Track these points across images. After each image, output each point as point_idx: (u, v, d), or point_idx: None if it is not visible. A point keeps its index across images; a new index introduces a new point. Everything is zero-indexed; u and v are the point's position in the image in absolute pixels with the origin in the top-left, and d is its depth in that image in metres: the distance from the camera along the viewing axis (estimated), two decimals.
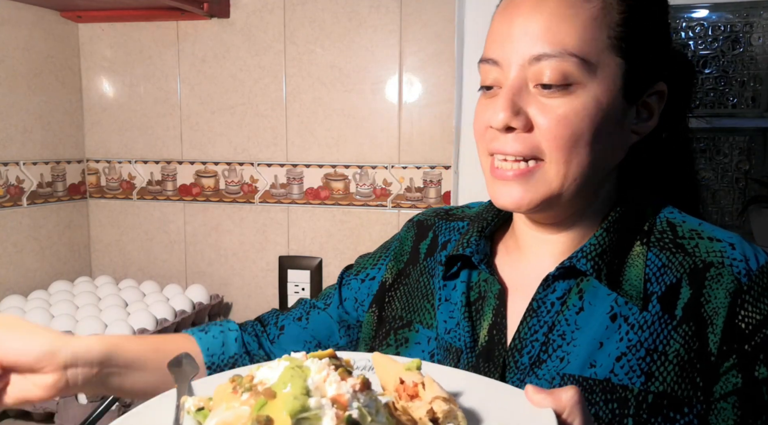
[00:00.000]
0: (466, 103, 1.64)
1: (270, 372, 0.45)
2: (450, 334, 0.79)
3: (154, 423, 0.50)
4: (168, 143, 1.90)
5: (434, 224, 0.90)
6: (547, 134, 0.67)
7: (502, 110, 0.67)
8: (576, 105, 0.66)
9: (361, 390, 0.44)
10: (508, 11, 0.70)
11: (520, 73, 0.68)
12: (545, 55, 0.66)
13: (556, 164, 0.68)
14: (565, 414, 0.51)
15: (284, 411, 0.40)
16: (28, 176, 1.76)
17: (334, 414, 0.41)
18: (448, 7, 1.64)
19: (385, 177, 1.76)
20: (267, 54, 1.79)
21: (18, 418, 1.47)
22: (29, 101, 1.75)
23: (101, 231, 1.99)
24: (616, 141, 0.71)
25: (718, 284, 0.67)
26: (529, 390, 0.53)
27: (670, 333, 0.67)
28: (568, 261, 0.71)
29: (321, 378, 0.44)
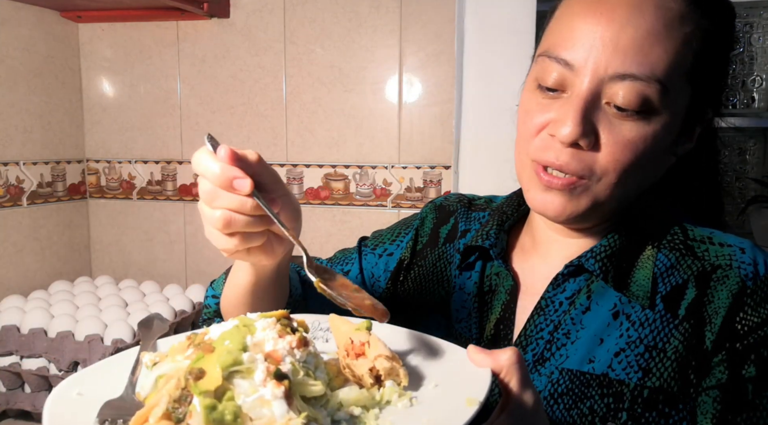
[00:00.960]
0: (466, 103, 1.64)
1: (219, 330, 0.47)
2: (461, 324, 0.80)
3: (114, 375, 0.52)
4: (168, 143, 1.90)
5: (456, 211, 0.89)
6: (609, 157, 0.64)
7: (574, 123, 0.63)
8: (646, 132, 0.64)
9: (297, 347, 0.46)
10: (597, 11, 0.64)
11: (596, 85, 0.63)
12: (631, 76, 0.62)
13: (606, 184, 0.66)
14: (502, 374, 0.51)
15: (217, 364, 0.41)
16: (28, 176, 1.76)
17: (266, 368, 0.42)
18: (448, 7, 1.64)
19: (385, 177, 1.76)
20: (267, 54, 1.79)
21: (18, 418, 1.47)
22: (29, 101, 1.75)
23: (101, 231, 1.99)
24: (660, 165, 0.70)
25: (723, 285, 0.67)
26: (470, 349, 0.53)
27: (671, 331, 0.67)
28: (577, 260, 0.71)
29: (262, 337, 0.46)
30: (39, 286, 1.75)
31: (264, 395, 0.41)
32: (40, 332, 1.43)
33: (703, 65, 0.66)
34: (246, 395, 0.41)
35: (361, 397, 0.49)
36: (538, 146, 0.67)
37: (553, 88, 0.66)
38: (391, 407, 0.49)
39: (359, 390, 0.49)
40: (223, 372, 0.42)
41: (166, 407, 0.41)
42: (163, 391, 0.43)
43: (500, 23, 1.58)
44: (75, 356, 1.38)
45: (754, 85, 1.97)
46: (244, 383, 0.42)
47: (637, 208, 0.74)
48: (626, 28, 0.62)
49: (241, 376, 0.42)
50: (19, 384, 1.46)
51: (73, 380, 0.52)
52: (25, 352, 1.41)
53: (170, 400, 0.42)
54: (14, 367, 1.42)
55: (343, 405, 0.48)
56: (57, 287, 1.70)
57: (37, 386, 1.44)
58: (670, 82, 0.63)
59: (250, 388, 0.42)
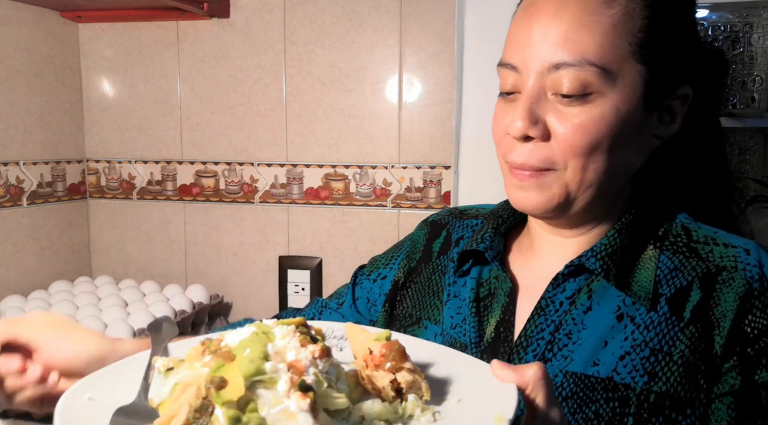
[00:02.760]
0: (466, 103, 1.64)
1: (237, 337, 0.46)
2: (456, 329, 0.79)
3: (125, 380, 0.51)
4: (168, 143, 1.90)
5: (448, 223, 0.90)
6: (563, 143, 0.66)
7: (520, 118, 0.67)
8: (594, 114, 0.65)
9: (320, 357, 0.45)
10: (528, 15, 0.69)
11: (538, 80, 0.67)
12: (564, 64, 0.65)
13: (572, 172, 0.67)
14: (528, 390, 0.51)
15: (239, 373, 0.40)
16: (28, 176, 1.76)
17: (289, 378, 0.41)
18: (448, 7, 1.64)
19: (385, 177, 1.76)
20: (267, 54, 1.79)
21: (18, 418, 1.47)
22: (29, 101, 1.75)
23: (101, 231, 1.99)
24: (635, 147, 0.70)
25: (729, 288, 0.66)
26: (495, 365, 0.53)
27: (677, 334, 0.66)
28: (578, 260, 0.71)
29: (283, 345, 0.44)
30: (39, 286, 1.75)
31: (289, 407, 0.40)
32: None
33: (652, 41, 0.67)
34: (270, 406, 0.40)
35: (384, 411, 0.47)
36: (505, 149, 0.72)
37: (509, 91, 0.71)
38: (414, 422, 0.48)
39: (382, 404, 0.48)
40: (246, 382, 0.40)
41: (186, 417, 0.40)
42: (182, 399, 0.42)
43: (500, 23, 1.58)
44: None
45: (754, 85, 1.97)
46: (268, 393, 0.41)
47: (636, 206, 0.74)
48: (552, 22, 0.66)
49: (263, 386, 0.41)
50: None
51: (83, 384, 0.51)
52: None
53: (191, 410, 0.40)
54: None
55: (366, 419, 0.47)
56: (57, 288, 1.70)
57: None
58: (607, 63, 0.65)
59: (274, 399, 0.41)
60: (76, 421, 0.45)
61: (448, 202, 1.71)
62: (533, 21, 0.67)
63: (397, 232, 1.76)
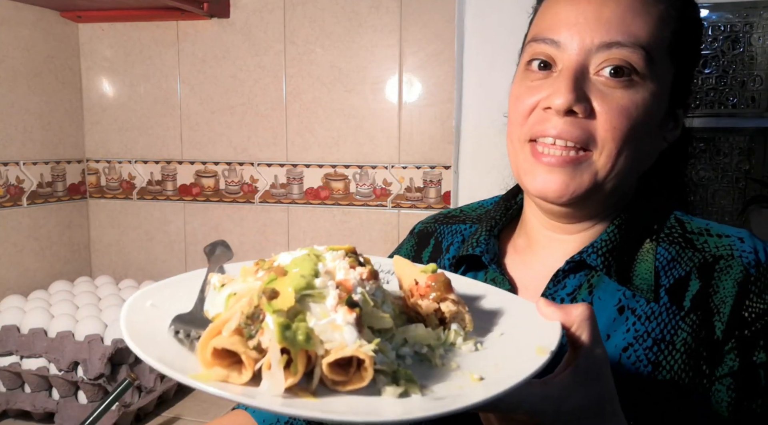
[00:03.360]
0: (466, 103, 1.64)
1: (290, 257, 0.48)
2: None
3: (184, 292, 0.54)
4: (168, 143, 1.90)
5: (435, 231, 0.89)
6: (607, 124, 0.66)
7: (567, 91, 0.65)
8: (637, 98, 0.66)
9: (368, 279, 0.47)
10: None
11: (584, 57, 0.67)
12: (617, 44, 0.66)
13: (607, 156, 0.67)
14: (573, 328, 0.51)
15: (290, 286, 0.42)
16: (28, 176, 1.76)
17: (337, 294, 0.43)
18: (448, 7, 1.64)
19: (385, 177, 1.76)
20: (267, 54, 1.79)
21: (18, 418, 1.47)
22: (29, 101, 1.75)
23: (101, 231, 1.99)
24: (653, 144, 0.72)
25: (726, 275, 0.68)
26: (541, 302, 0.53)
27: (678, 323, 0.67)
28: (579, 256, 0.71)
29: (333, 265, 0.47)
30: (39, 286, 1.75)
31: (335, 320, 0.42)
32: (40, 332, 1.43)
33: (681, 45, 0.70)
34: (318, 318, 0.42)
35: (426, 335, 0.48)
36: (533, 121, 0.69)
37: (543, 67, 0.70)
38: (456, 349, 0.49)
39: (425, 329, 0.49)
40: (296, 294, 0.42)
41: (238, 322, 0.42)
42: (236, 307, 0.43)
43: (500, 23, 1.58)
44: (75, 356, 1.38)
45: (754, 85, 1.97)
46: (316, 307, 0.42)
47: (634, 202, 0.75)
48: (608, 3, 0.67)
49: (312, 300, 0.43)
50: (19, 384, 1.46)
51: (146, 292, 0.54)
52: (25, 352, 1.41)
53: (243, 316, 0.42)
54: (14, 367, 1.42)
55: (408, 342, 0.48)
56: (57, 287, 1.70)
57: (37, 386, 1.44)
58: (653, 49, 0.67)
59: (322, 312, 0.42)
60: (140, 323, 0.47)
61: (448, 202, 1.71)
62: (583, 3, 0.68)
63: (397, 232, 1.76)
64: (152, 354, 0.42)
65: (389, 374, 0.42)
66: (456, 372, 0.45)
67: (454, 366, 0.46)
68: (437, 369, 0.46)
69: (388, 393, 0.41)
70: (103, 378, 1.37)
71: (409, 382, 0.41)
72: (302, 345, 0.40)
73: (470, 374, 0.44)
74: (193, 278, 0.59)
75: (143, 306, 0.51)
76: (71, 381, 1.40)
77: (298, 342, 0.40)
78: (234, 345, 0.41)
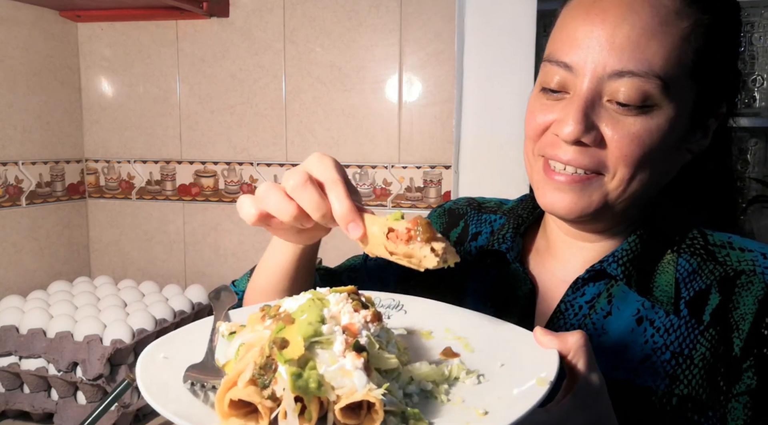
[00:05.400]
0: (466, 103, 1.64)
1: (294, 303, 0.50)
2: None
3: (193, 342, 0.56)
4: (167, 143, 1.90)
5: (466, 214, 0.89)
6: (617, 151, 0.65)
7: (574, 122, 0.64)
8: (651, 125, 0.64)
9: (372, 321, 0.49)
10: (591, 14, 0.65)
11: (596, 85, 0.65)
12: (629, 73, 0.63)
13: (619, 180, 0.66)
14: (569, 356, 0.52)
15: (299, 334, 0.44)
16: (27, 176, 1.75)
17: (344, 339, 0.44)
18: (448, 7, 1.64)
19: (385, 177, 1.75)
20: (266, 53, 1.78)
21: (17, 418, 1.46)
22: (28, 101, 1.74)
23: (100, 231, 1.98)
24: (674, 160, 0.70)
25: (747, 291, 0.67)
26: (537, 331, 0.54)
27: (697, 338, 0.67)
28: (599, 265, 0.71)
29: (338, 310, 0.49)
30: (38, 286, 1.75)
31: (345, 365, 0.43)
32: (39, 332, 1.42)
33: (707, 61, 0.66)
34: (327, 365, 0.43)
35: (431, 372, 0.50)
36: (545, 143, 0.69)
37: (556, 90, 0.68)
38: (460, 383, 0.50)
39: (429, 366, 0.50)
40: (305, 342, 0.44)
41: (252, 373, 0.44)
42: (248, 358, 0.45)
43: (500, 23, 1.58)
44: (74, 356, 1.37)
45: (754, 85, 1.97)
46: (325, 353, 0.44)
47: (656, 212, 0.74)
48: (621, 26, 0.63)
49: (320, 347, 0.44)
50: (18, 384, 1.45)
51: (158, 344, 0.56)
52: (24, 352, 1.41)
53: (256, 367, 0.44)
54: (13, 367, 1.42)
55: (414, 380, 0.49)
56: (56, 288, 1.70)
57: (36, 386, 1.43)
58: (669, 77, 0.63)
59: (330, 358, 0.44)
60: (156, 377, 0.49)
61: None
62: (598, 21, 0.64)
63: None
64: (170, 408, 0.43)
65: (398, 414, 0.44)
66: (461, 407, 0.47)
67: (459, 400, 0.48)
68: (443, 404, 0.48)
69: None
70: (102, 378, 1.37)
71: (418, 421, 0.43)
72: (314, 393, 0.42)
73: (475, 409, 0.45)
74: (202, 326, 0.61)
75: (156, 359, 0.53)
76: (70, 381, 1.40)
77: (310, 390, 0.42)
78: (250, 396, 0.43)
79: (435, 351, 0.56)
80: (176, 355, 0.53)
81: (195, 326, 0.61)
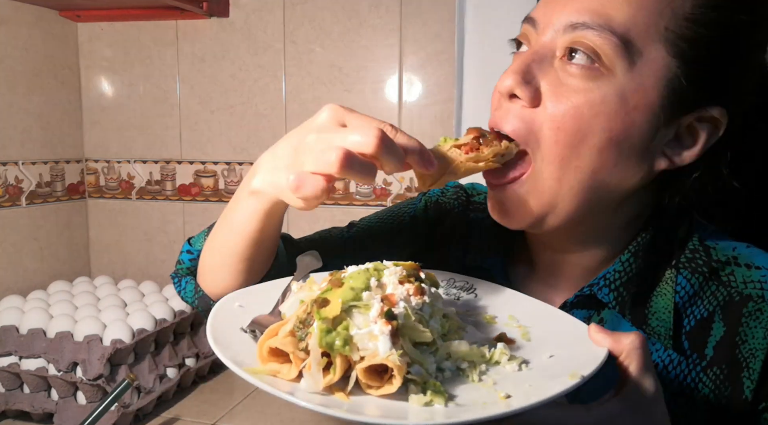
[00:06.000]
0: (466, 103, 1.64)
1: (354, 269, 0.53)
2: None
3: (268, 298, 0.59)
4: (167, 143, 1.90)
5: (453, 210, 0.80)
6: (551, 121, 0.56)
7: (512, 72, 0.57)
8: (594, 97, 0.55)
9: (414, 295, 0.50)
10: None
11: (551, 40, 0.57)
12: (582, 25, 0.55)
13: (550, 164, 0.57)
14: (621, 357, 0.48)
15: (340, 297, 0.47)
16: (26, 176, 1.75)
17: (380, 307, 0.47)
18: (448, 7, 1.64)
19: (385, 177, 1.75)
20: (266, 53, 1.78)
21: (17, 418, 1.46)
22: (28, 101, 1.74)
23: (100, 231, 1.98)
24: (636, 159, 0.57)
25: (756, 321, 0.58)
26: (592, 328, 0.50)
27: (699, 376, 0.59)
28: (588, 289, 0.63)
29: (386, 281, 0.51)
30: (38, 286, 1.75)
31: (373, 330, 0.45)
32: (39, 332, 1.42)
33: (697, 36, 0.55)
34: (359, 327, 0.46)
35: (470, 352, 0.50)
36: (492, 111, 0.62)
37: (520, 46, 0.63)
38: (500, 367, 0.50)
39: (470, 346, 0.51)
40: (343, 305, 0.47)
41: (293, 326, 0.47)
42: (295, 313, 0.49)
43: (500, 23, 1.58)
44: (74, 356, 1.37)
45: None
46: (360, 317, 0.47)
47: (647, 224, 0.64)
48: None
49: (358, 311, 0.47)
50: (18, 384, 1.45)
51: (237, 294, 0.60)
52: (24, 352, 1.41)
53: (297, 321, 0.47)
54: (13, 368, 1.42)
55: (452, 357, 0.50)
56: (56, 288, 1.70)
57: (36, 386, 1.43)
58: (631, 38, 0.54)
59: (364, 323, 0.46)
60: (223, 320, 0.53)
61: None
62: None
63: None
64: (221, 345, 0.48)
65: (420, 384, 0.45)
66: (489, 389, 0.47)
67: (491, 383, 0.48)
68: (473, 384, 0.48)
69: (413, 401, 0.44)
70: (102, 378, 1.37)
71: (437, 393, 0.44)
72: (339, 350, 0.44)
73: (500, 392, 0.45)
74: (282, 283, 0.65)
75: (232, 307, 0.57)
76: (70, 381, 1.40)
77: (336, 347, 0.45)
78: (285, 346, 0.46)
79: (492, 335, 0.55)
80: (251, 306, 0.57)
81: (276, 282, 0.64)
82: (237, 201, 0.63)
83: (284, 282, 0.64)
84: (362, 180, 0.49)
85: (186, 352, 1.61)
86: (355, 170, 0.48)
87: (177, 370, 1.55)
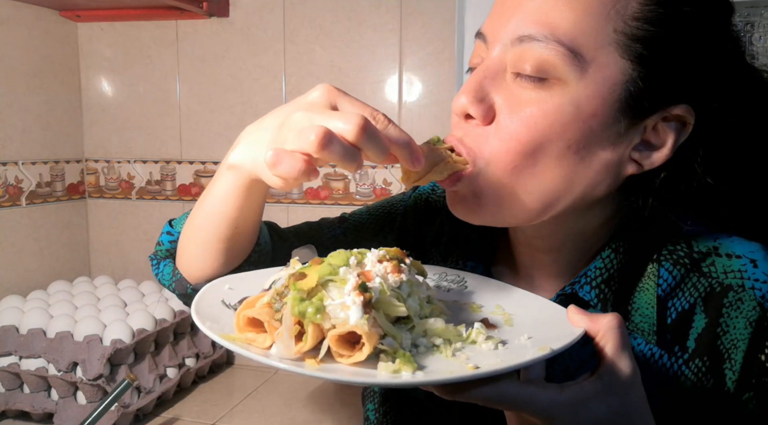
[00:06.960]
0: None
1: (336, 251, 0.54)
2: None
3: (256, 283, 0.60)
4: (167, 143, 1.90)
5: (441, 209, 0.77)
6: (504, 133, 0.55)
7: (464, 92, 0.56)
8: (548, 107, 0.54)
9: (391, 272, 0.51)
10: None
11: (501, 54, 0.56)
12: (528, 38, 0.54)
13: (503, 171, 0.56)
14: (598, 337, 0.48)
15: (317, 272, 0.49)
16: (27, 176, 1.75)
17: (356, 281, 0.48)
18: (448, 7, 1.64)
19: (385, 177, 1.75)
20: (266, 53, 1.78)
21: (17, 418, 1.47)
22: (28, 101, 1.74)
23: (100, 231, 1.98)
24: (599, 166, 0.56)
25: (737, 311, 0.57)
26: (571, 309, 0.50)
27: (681, 368, 0.59)
28: (570, 288, 0.62)
29: (366, 261, 0.52)
30: (38, 286, 1.75)
31: (346, 301, 0.47)
32: (39, 332, 1.42)
33: (649, 35, 0.54)
34: (333, 299, 0.48)
35: (446, 330, 0.51)
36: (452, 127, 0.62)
37: (473, 66, 0.61)
38: (475, 346, 0.51)
39: (445, 324, 0.52)
40: (319, 279, 0.48)
41: (270, 298, 0.49)
42: (273, 288, 0.51)
43: None
44: (74, 356, 1.37)
45: None
46: (335, 290, 0.48)
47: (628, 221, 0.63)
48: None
49: (334, 285, 0.48)
50: (18, 384, 1.45)
51: (228, 278, 0.61)
52: (24, 352, 1.41)
53: (275, 293, 0.49)
54: (13, 367, 1.42)
55: (428, 334, 0.51)
56: (56, 288, 1.70)
57: (36, 386, 1.43)
58: (579, 47, 0.53)
59: (338, 295, 0.48)
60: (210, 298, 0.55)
61: None
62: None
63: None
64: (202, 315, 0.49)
65: (390, 354, 0.46)
66: (461, 363, 0.47)
67: (464, 357, 0.48)
68: (445, 359, 0.48)
69: (381, 368, 0.45)
70: (102, 378, 1.37)
71: (406, 362, 0.45)
72: (311, 318, 0.46)
73: (469, 365, 0.46)
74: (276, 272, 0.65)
75: (222, 288, 0.58)
76: (70, 381, 1.40)
77: (308, 315, 0.46)
78: (261, 315, 0.48)
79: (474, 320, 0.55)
80: (240, 288, 0.58)
81: (269, 270, 0.65)
82: (216, 177, 0.62)
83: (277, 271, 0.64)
84: (343, 165, 0.48)
85: (186, 352, 1.61)
86: (336, 153, 0.46)
87: (177, 370, 1.56)
